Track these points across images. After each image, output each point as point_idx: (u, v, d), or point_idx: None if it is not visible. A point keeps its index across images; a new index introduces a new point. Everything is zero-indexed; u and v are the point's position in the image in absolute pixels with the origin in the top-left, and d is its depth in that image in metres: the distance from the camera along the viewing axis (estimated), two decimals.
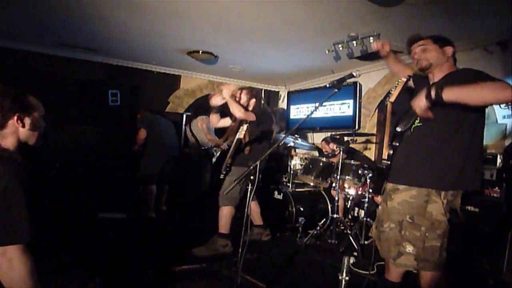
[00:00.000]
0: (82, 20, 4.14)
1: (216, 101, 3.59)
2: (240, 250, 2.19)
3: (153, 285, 2.85)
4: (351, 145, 4.54)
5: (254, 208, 3.95)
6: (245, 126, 3.46)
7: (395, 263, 2.10)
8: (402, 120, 2.18)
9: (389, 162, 2.17)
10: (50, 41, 5.06)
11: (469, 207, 3.29)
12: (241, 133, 3.45)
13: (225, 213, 3.55)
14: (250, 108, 3.78)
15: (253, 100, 3.79)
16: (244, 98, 3.77)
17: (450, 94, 1.73)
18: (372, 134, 5.37)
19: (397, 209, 2.07)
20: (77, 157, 5.19)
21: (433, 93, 1.77)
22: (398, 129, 2.16)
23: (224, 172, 3.60)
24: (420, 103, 1.85)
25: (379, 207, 2.35)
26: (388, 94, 2.39)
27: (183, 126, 6.14)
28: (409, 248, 2.01)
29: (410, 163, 2.08)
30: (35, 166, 1.55)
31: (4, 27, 4.57)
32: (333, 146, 4.49)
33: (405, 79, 2.31)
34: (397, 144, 2.17)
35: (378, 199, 4.22)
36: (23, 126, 1.58)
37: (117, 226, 4.34)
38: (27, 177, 1.47)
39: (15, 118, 1.54)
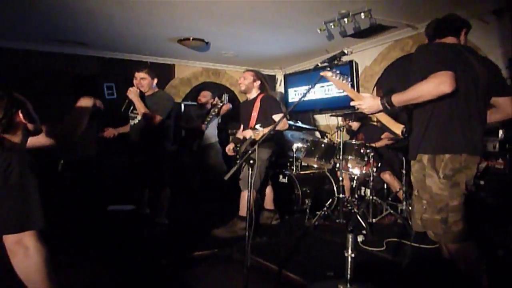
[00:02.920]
0: (69, 14, 4.09)
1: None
2: (247, 233, 2.19)
3: (166, 273, 2.88)
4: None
5: (268, 193, 4.04)
6: (260, 132, 3.37)
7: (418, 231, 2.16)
8: None
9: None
10: (41, 37, 4.99)
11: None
12: (257, 135, 3.35)
13: (246, 197, 3.53)
14: (255, 90, 3.81)
15: (257, 82, 3.80)
16: (248, 79, 3.77)
17: (398, 102, 1.99)
18: (368, 115, 5.35)
19: (412, 183, 2.18)
20: (79, 152, 5.16)
21: (384, 106, 2.04)
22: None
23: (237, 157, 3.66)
24: (371, 110, 2.11)
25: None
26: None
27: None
28: (418, 221, 2.10)
29: (410, 138, 2.16)
30: (40, 163, 1.55)
31: None
32: (348, 121, 4.53)
33: (322, 73, 2.32)
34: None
35: (387, 176, 4.25)
36: (29, 121, 1.60)
37: (128, 217, 4.34)
38: (37, 169, 1.49)
39: (20, 115, 1.56)
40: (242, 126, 3.95)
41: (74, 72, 5.48)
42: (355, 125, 4.69)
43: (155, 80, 3.89)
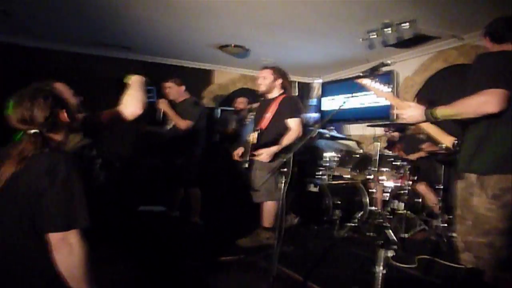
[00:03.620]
0: (116, 19, 4.27)
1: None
2: (276, 242, 2.20)
3: (191, 275, 2.92)
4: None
5: (270, 209, 3.59)
6: (255, 134, 3.35)
7: (460, 260, 2.04)
8: None
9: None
10: (87, 40, 5.23)
11: None
12: (253, 139, 3.36)
13: (268, 208, 3.51)
14: (277, 90, 3.57)
15: (279, 81, 3.54)
16: (269, 78, 3.53)
17: (442, 115, 1.93)
18: (411, 124, 5.20)
19: (456, 202, 2.07)
20: (120, 154, 5.38)
21: (428, 117, 1.97)
22: None
23: (247, 166, 3.54)
24: (413, 120, 2.06)
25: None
26: None
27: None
28: (460, 243, 1.98)
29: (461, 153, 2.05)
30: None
31: (43, 29, 4.78)
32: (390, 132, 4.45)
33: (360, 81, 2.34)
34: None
35: (423, 187, 4.11)
36: (72, 119, 1.65)
37: (159, 218, 4.47)
38: (83, 170, 1.55)
39: (65, 113, 1.61)
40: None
41: (117, 75, 5.70)
42: (396, 135, 4.58)
43: (183, 87, 4.12)
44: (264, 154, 3.34)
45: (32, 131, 1.52)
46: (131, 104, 2.11)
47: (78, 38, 5.12)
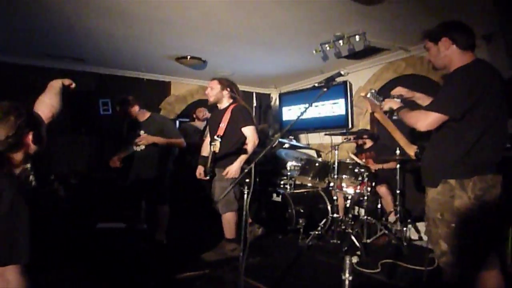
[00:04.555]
0: (66, 30, 4.09)
1: None
2: (241, 254, 2.17)
3: None
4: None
5: (231, 219, 3.58)
6: (217, 142, 3.32)
7: (440, 263, 2.10)
8: None
9: (420, 163, 2.24)
10: (37, 52, 4.98)
11: None
12: (215, 147, 3.32)
13: (228, 219, 3.51)
14: (226, 100, 3.58)
15: (226, 91, 3.55)
16: (216, 89, 3.55)
17: (401, 116, 2.19)
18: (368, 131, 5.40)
19: (429, 206, 2.12)
20: (73, 168, 5.12)
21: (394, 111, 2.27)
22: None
23: (208, 177, 3.51)
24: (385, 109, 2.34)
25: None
26: None
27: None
28: (444, 246, 2.02)
29: (430, 161, 2.13)
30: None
31: None
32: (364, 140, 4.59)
33: (363, 94, 2.51)
34: (424, 144, 2.23)
35: (383, 189, 4.23)
36: (35, 143, 1.56)
37: (117, 235, 4.28)
38: (29, 194, 1.45)
39: (30, 136, 1.53)
40: (207, 138, 3.83)
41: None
42: (368, 142, 4.72)
43: (137, 107, 4.00)
44: (232, 171, 3.35)
45: None
46: (38, 108, 2.03)
47: (29, 50, 4.87)
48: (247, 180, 2.22)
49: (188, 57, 5.10)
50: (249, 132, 3.46)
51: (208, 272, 3.15)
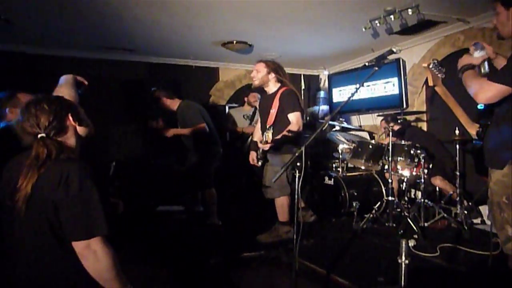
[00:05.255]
0: (117, 22, 4.26)
1: None
2: (294, 236, 2.18)
3: (214, 273, 2.94)
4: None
5: (284, 204, 3.60)
6: (270, 133, 3.21)
7: (505, 249, 2.01)
8: None
9: (481, 142, 2.10)
10: (91, 45, 5.23)
11: None
12: (268, 137, 3.21)
13: (281, 203, 3.55)
14: (273, 83, 3.51)
15: (273, 74, 3.47)
16: (262, 72, 3.47)
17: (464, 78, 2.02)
18: (422, 112, 5.16)
19: (494, 189, 2.00)
20: (130, 155, 5.38)
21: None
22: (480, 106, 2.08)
23: (260, 163, 3.53)
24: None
25: None
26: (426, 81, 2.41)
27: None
28: (510, 231, 1.92)
29: (495, 141, 1.99)
30: (94, 166, 1.62)
31: (46, 36, 4.78)
32: (393, 125, 4.39)
33: (426, 65, 2.38)
34: (487, 122, 2.08)
35: (438, 182, 4.06)
36: (80, 124, 1.68)
37: (177, 218, 4.49)
38: (95, 174, 1.56)
39: (70, 117, 1.64)
40: (259, 124, 3.80)
41: (123, 78, 5.71)
42: (395, 128, 4.50)
43: (164, 98, 4.17)
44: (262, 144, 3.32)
45: (40, 135, 1.55)
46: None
47: (81, 43, 5.12)
48: (298, 164, 2.22)
49: (234, 41, 5.13)
50: (294, 118, 3.38)
51: (263, 253, 3.22)
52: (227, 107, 6.20)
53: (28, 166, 1.48)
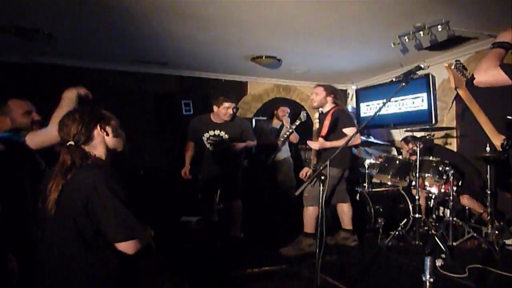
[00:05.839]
0: (151, 36, 4.41)
1: None
2: (317, 251, 2.18)
3: (235, 286, 2.95)
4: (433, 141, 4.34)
5: (346, 211, 3.87)
6: (316, 120, 3.48)
7: None
8: None
9: (506, 155, 2.02)
10: (126, 59, 5.45)
11: None
12: (315, 124, 3.46)
13: (310, 213, 3.60)
14: (329, 105, 3.80)
15: (330, 97, 3.79)
16: (320, 95, 3.78)
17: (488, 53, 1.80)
18: (451, 128, 5.05)
19: None
20: (159, 165, 5.52)
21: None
22: (511, 117, 2.00)
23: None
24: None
25: None
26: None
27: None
28: None
29: None
30: (123, 175, 1.69)
31: (85, 50, 5.02)
32: (412, 145, 4.29)
33: (446, 64, 2.24)
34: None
35: (465, 200, 3.94)
36: (107, 134, 1.74)
37: (198, 228, 4.53)
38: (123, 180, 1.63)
39: (98, 127, 1.72)
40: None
41: (154, 90, 5.90)
42: (415, 149, 4.39)
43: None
44: (317, 143, 3.58)
45: (68, 143, 1.65)
46: (54, 122, 2.05)
47: (117, 56, 5.34)
48: (322, 177, 2.24)
49: (263, 56, 5.20)
50: (350, 132, 3.58)
51: (285, 267, 3.22)
52: (254, 120, 6.28)
53: (56, 172, 1.59)
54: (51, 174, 1.61)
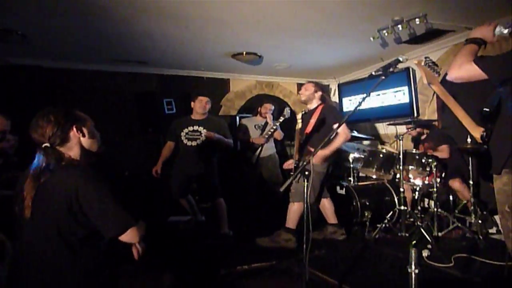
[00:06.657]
0: (129, 35, 4.34)
1: None
2: (304, 246, 2.17)
3: (225, 284, 2.92)
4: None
5: (327, 206, 3.94)
6: (299, 120, 3.48)
7: None
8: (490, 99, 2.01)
9: (485, 146, 2.02)
10: (105, 58, 5.35)
11: None
12: (298, 124, 3.47)
13: (294, 208, 3.62)
14: (316, 101, 3.85)
15: (318, 93, 3.85)
16: (309, 90, 3.83)
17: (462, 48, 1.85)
18: (434, 120, 5.12)
19: (498, 198, 1.93)
20: (144, 165, 5.42)
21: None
22: (487, 109, 2.00)
23: (293, 169, 3.67)
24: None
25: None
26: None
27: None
28: None
29: (494, 146, 1.91)
30: (108, 177, 1.66)
31: (61, 50, 4.90)
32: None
33: (416, 61, 2.30)
34: (490, 125, 2.02)
35: (457, 184, 3.99)
36: (84, 136, 1.72)
37: (187, 228, 4.49)
38: (103, 177, 1.62)
39: (74, 129, 1.69)
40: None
41: (136, 90, 5.81)
42: (420, 130, 4.48)
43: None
44: (317, 156, 3.53)
45: (44, 145, 1.62)
46: None
47: (95, 56, 5.23)
48: (306, 173, 2.23)
49: (244, 53, 5.18)
50: (341, 128, 3.52)
51: (274, 264, 3.21)
52: (237, 117, 6.24)
53: (30, 174, 1.57)
54: (25, 177, 1.59)
